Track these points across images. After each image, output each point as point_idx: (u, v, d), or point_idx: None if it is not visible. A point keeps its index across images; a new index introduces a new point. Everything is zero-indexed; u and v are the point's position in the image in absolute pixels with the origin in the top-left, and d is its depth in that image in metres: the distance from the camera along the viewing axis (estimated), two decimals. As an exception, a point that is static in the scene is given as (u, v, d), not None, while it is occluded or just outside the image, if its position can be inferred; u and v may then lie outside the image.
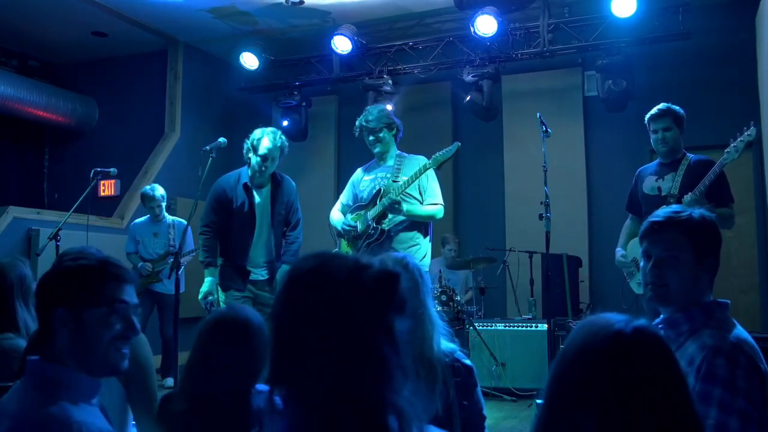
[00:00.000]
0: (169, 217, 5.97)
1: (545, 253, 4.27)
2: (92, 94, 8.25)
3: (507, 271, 6.28)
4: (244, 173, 4.24)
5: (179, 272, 4.39)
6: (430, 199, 3.92)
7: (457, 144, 3.82)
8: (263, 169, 4.13)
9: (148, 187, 5.92)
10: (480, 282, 6.01)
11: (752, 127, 3.58)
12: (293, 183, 4.42)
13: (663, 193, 3.73)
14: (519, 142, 6.94)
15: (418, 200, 3.93)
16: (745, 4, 5.95)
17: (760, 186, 5.96)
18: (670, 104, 3.80)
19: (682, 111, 3.78)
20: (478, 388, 2.18)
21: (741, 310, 5.99)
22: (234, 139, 4.62)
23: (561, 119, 6.46)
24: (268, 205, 4.28)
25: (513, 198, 6.86)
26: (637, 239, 3.82)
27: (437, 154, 3.78)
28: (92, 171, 5.08)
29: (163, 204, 5.89)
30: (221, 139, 4.33)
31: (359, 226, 3.99)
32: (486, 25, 6.02)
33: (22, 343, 2.11)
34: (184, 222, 5.89)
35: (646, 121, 3.84)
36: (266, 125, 4.98)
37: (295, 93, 7.27)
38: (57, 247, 4.79)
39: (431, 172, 3.90)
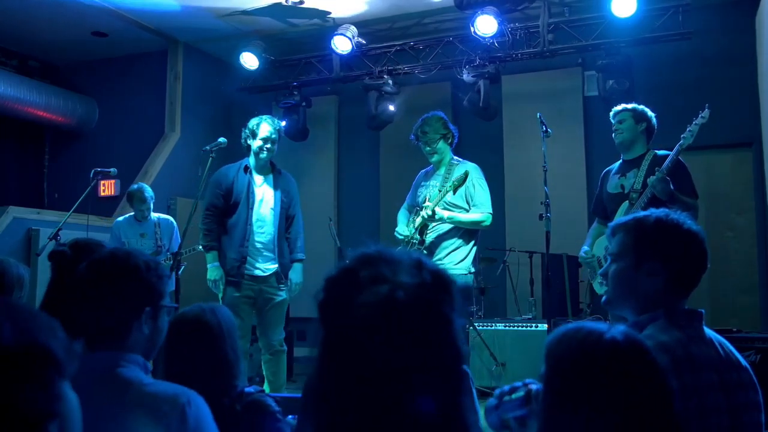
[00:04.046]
0: (153, 215, 5.71)
1: (545, 253, 4.27)
2: (92, 94, 8.24)
3: (507, 271, 6.28)
4: (246, 160, 4.38)
5: (179, 272, 4.38)
6: (476, 207, 4.11)
7: (468, 170, 4.06)
8: (264, 151, 4.27)
9: (135, 186, 5.67)
10: (480, 282, 6.01)
11: (706, 110, 3.64)
12: (293, 178, 4.58)
13: (626, 191, 3.71)
14: (519, 142, 6.94)
15: (465, 209, 4.11)
16: (745, 4, 5.95)
17: (760, 186, 5.95)
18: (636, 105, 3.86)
19: (643, 109, 3.82)
20: (474, 396, 2.09)
21: (741, 310, 5.99)
22: (234, 139, 4.63)
23: (561, 119, 6.46)
24: (270, 189, 4.36)
25: (513, 198, 6.87)
26: (602, 239, 3.85)
27: (454, 179, 4.03)
28: (92, 171, 5.09)
29: (152, 204, 5.65)
30: (221, 139, 4.34)
31: (408, 234, 4.20)
32: (486, 25, 6.02)
33: None
34: (170, 219, 5.85)
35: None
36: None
37: (295, 93, 7.26)
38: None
39: (479, 180, 4.14)
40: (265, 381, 4.43)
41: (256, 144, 4.27)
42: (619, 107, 3.86)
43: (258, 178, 4.35)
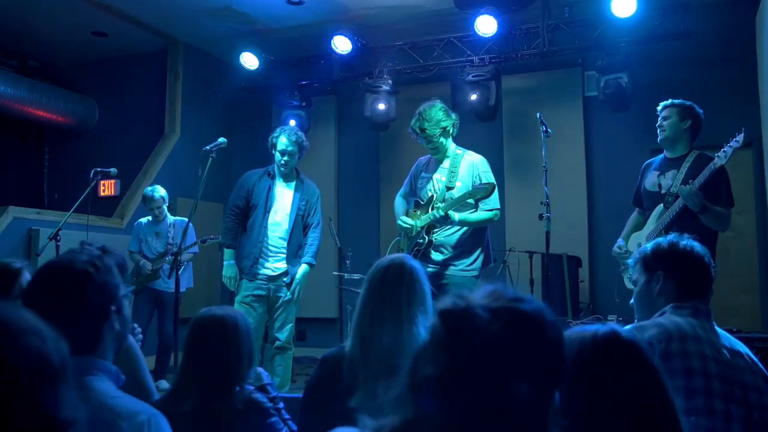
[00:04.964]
0: (171, 217, 5.92)
1: (545, 253, 4.26)
2: (92, 94, 8.24)
3: (507, 271, 6.28)
4: (272, 167, 4.63)
5: (180, 272, 4.40)
6: (484, 204, 3.95)
7: (494, 183, 3.88)
8: (283, 163, 4.51)
9: (149, 188, 5.88)
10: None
11: (742, 134, 3.54)
12: (317, 189, 4.75)
13: (662, 191, 3.70)
14: (519, 142, 6.94)
15: (472, 204, 3.97)
16: (745, 4, 5.94)
17: (760, 186, 5.95)
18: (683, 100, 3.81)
19: (690, 105, 3.76)
20: None
21: (741, 310, 5.99)
22: (234, 139, 4.66)
23: (561, 119, 6.46)
24: (290, 196, 4.55)
25: (513, 198, 6.87)
26: (639, 233, 3.85)
27: (479, 186, 3.86)
28: (92, 171, 5.09)
29: (164, 205, 5.83)
30: (221, 139, 4.35)
31: (413, 230, 4.02)
32: (486, 25, 6.02)
33: None
34: (185, 220, 5.91)
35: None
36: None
37: (295, 93, 7.26)
38: (57, 247, 4.79)
39: (487, 175, 4.00)
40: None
41: (276, 156, 4.54)
42: (667, 102, 3.81)
43: (279, 184, 4.59)
